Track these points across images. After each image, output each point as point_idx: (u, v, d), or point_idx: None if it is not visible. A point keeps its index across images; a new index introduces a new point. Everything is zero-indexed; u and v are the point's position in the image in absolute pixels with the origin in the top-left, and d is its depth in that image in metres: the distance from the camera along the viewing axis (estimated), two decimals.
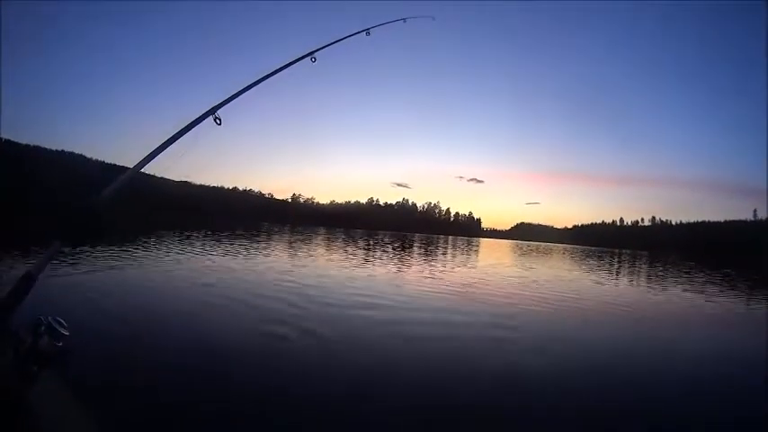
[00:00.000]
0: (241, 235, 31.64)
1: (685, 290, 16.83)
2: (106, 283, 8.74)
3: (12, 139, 78.29)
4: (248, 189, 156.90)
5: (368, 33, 2.31)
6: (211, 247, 19.20)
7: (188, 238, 23.81)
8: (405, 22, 2.64)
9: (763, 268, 38.81)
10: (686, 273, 27.38)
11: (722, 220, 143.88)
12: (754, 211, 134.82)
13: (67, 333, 1.15)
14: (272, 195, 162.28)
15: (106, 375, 3.77)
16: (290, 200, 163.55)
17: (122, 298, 7.56)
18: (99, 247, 13.80)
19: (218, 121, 1.68)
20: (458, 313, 8.51)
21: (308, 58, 1.93)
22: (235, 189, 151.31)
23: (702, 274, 27.16)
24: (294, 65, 1.87)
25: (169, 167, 1.61)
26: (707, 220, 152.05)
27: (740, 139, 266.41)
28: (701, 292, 16.15)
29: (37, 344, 1.11)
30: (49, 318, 1.16)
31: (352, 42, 2.22)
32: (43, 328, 1.13)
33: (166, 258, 13.67)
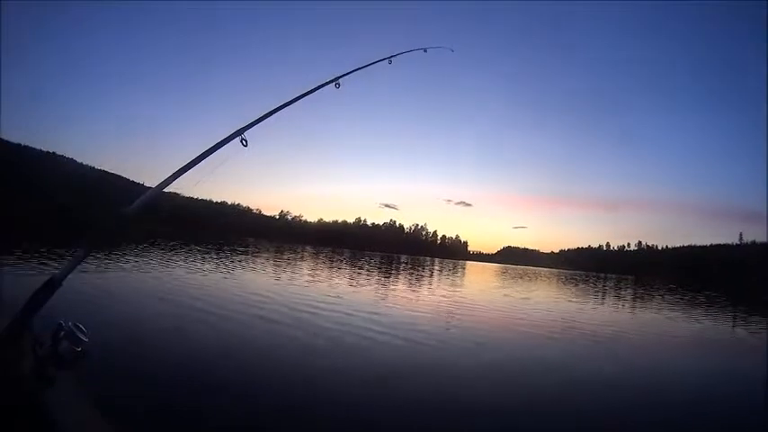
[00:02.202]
0: (231, 251, 31.36)
1: (671, 312, 17.62)
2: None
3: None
4: (236, 204, 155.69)
5: (390, 62, 2.36)
6: (204, 260, 19.02)
7: (182, 250, 23.61)
8: (425, 51, 2.70)
9: (746, 290, 39.53)
10: (670, 296, 27.85)
11: (708, 244, 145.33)
12: (740, 234, 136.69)
13: (87, 339, 1.18)
14: (260, 211, 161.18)
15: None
16: (277, 216, 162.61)
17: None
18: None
19: (244, 143, 1.70)
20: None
21: (333, 83, 1.97)
22: (223, 203, 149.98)
23: (685, 297, 27.72)
24: (319, 90, 1.91)
25: (192, 187, 1.65)
26: (693, 244, 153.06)
27: (727, 163, 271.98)
28: (686, 315, 16.82)
29: (57, 348, 1.14)
30: (70, 323, 1.19)
31: (371, 69, 2.28)
32: (63, 333, 1.16)
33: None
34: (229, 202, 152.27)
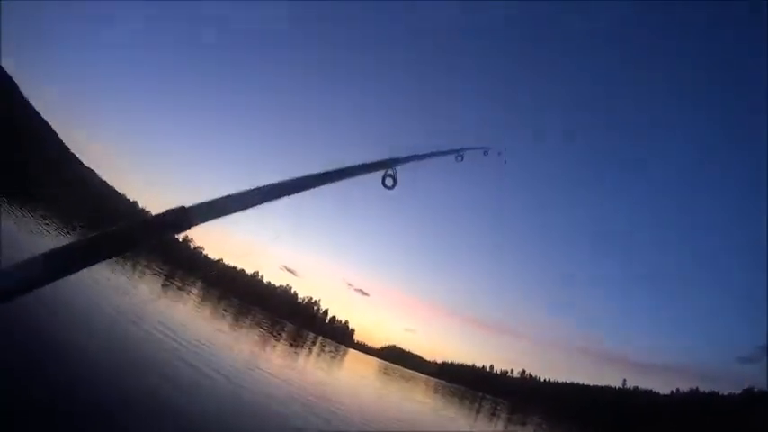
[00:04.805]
0: None
1: None
2: None
3: None
4: (143, 208, 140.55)
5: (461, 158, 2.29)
6: None
7: None
8: (486, 154, 2.77)
9: None
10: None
11: (591, 384, 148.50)
12: (624, 380, 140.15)
13: None
14: None
15: None
16: (180, 240, 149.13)
17: None
18: None
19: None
20: None
21: (384, 173, 1.59)
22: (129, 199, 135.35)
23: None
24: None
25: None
26: (576, 381, 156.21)
27: (626, 314, 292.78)
28: None
29: None
30: None
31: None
32: None
33: None
34: (138, 202, 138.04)
